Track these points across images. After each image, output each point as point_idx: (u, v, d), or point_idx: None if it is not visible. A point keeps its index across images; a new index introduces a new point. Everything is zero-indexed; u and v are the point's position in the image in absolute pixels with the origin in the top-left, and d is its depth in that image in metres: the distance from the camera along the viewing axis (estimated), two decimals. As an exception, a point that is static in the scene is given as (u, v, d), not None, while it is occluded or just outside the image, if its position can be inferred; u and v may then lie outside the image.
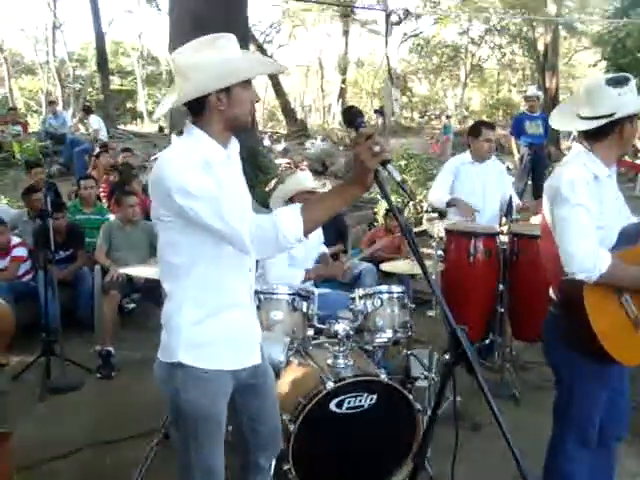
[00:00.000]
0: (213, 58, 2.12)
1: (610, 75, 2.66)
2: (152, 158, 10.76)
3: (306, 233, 2.03)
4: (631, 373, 4.79)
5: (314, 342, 3.61)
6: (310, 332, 3.53)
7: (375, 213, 8.79)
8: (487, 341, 4.85)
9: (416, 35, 30.80)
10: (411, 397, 3.29)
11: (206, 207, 2.02)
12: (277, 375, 2.98)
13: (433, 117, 30.13)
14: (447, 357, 2.13)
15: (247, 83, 2.17)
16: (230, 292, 2.26)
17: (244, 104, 2.16)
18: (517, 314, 4.66)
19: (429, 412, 3.75)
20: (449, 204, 4.94)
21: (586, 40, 26.71)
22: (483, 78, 35.46)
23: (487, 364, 4.96)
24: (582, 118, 2.62)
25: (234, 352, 2.30)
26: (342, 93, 30.20)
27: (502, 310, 4.58)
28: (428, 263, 4.05)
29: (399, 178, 1.86)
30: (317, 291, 3.71)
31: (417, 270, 4.02)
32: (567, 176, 2.56)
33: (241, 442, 2.57)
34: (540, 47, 22.92)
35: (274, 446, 2.62)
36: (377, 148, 1.87)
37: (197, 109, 2.17)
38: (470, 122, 18.98)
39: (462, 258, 4.56)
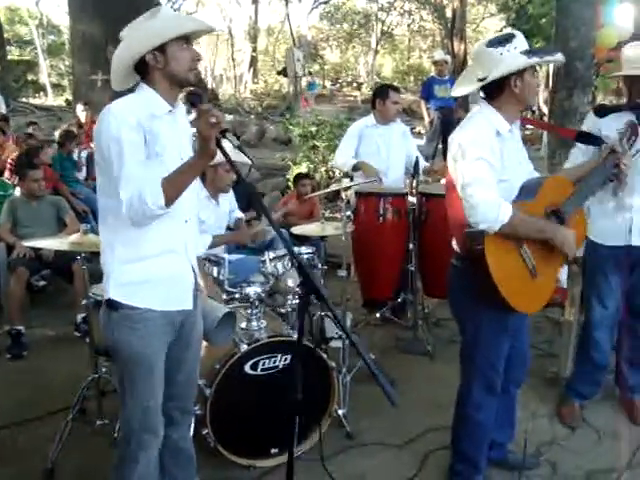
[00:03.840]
0: (146, 22, 2.31)
1: (492, 36, 2.76)
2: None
3: (168, 203, 2.18)
4: (534, 322, 5.09)
5: (227, 306, 3.62)
6: (222, 297, 3.54)
7: (288, 180, 8.82)
8: (400, 299, 4.98)
9: (326, 2, 30.70)
10: (325, 356, 3.36)
11: (116, 162, 2.19)
12: (210, 341, 3.01)
13: (345, 84, 30.17)
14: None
15: (183, 41, 2.31)
16: (160, 239, 2.36)
17: (181, 61, 2.30)
18: (428, 272, 4.79)
19: (344, 370, 3.85)
20: (355, 168, 5.00)
21: (492, 7, 27.22)
22: (394, 45, 35.72)
23: (401, 322, 5.09)
24: (478, 80, 2.70)
25: (165, 293, 2.39)
26: (253, 62, 29.87)
27: (413, 269, 4.71)
28: (337, 224, 4.12)
29: (236, 143, 2.14)
30: (228, 256, 3.70)
31: (328, 232, 4.08)
32: (469, 131, 2.65)
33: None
34: (449, 13, 23.24)
35: (187, 399, 2.68)
36: (214, 119, 2.09)
37: (140, 70, 2.34)
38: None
39: (372, 219, 4.65)
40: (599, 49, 6.23)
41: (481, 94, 2.74)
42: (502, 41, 2.65)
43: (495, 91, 2.69)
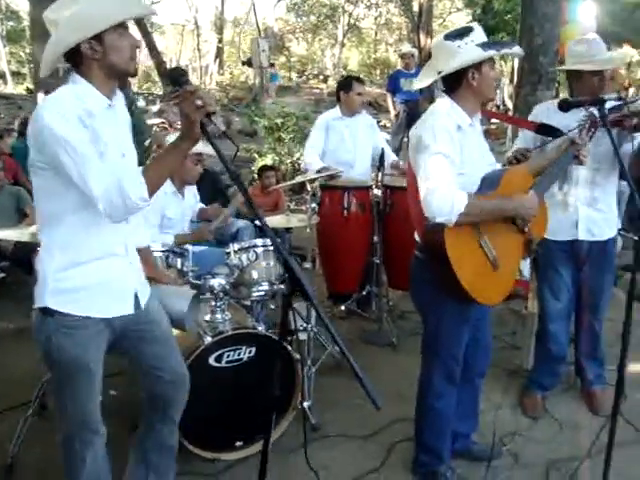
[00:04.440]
0: (80, 8, 2.10)
1: (450, 29, 2.78)
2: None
3: (151, 193, 2.10)
4: (498, 315, 5.14)
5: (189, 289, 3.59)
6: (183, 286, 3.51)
7: (253, 172, 8.77)
8: (365, 292, 4.99)
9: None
10: (290, 348, 3.35)
11: (72, 162, 2.05)
12: (182, 327, 2.96)
13: (311, 77, 30.12)
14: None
15: (122, 28, 2.16)
16: (100, 241, 2.28)
17: (121, 50, 2.16)
18: (392, 264, 4.81)
19: (309, 363, 3.85)
20: (319, 171, 4.97)
21: (459, 1, 27.39)
22: (361, 38, 35.75)
23: (365, 314, 5.11)
24: (437, 73, 2.71)
25: (104, 300, 2.32)
26: (219, 53, 29.63)
27: (378, 261, 4.72)
28: (302, 216, 4.11)
29: (223, 128, 2.06)
30: (192, 248, 3.66)
31: (292, 224, 4.07)
32: (429, 124, 2.65)
33: (149, 390, 2.63)
34: (415, 7, 23.29)
35: (177, 394, 2.68)
36: (200, 102, 1.99)
37: (74, 60, 2.18)
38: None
39: (336, 212, 4.65)
40: (563, 45, 6.29)
41: (442, 87, 2.75)
42: (460, 34, 2.66)
43: (454, 84, 2.71)
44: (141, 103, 14.24)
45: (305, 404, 3.60)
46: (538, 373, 3.91)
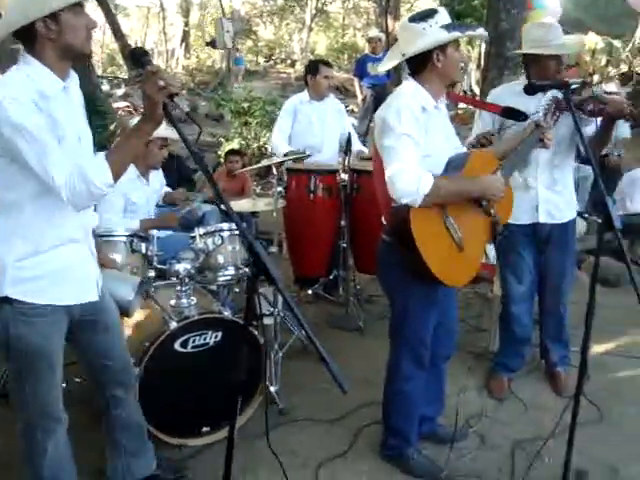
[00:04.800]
0: None
1: (416, 11, 2.76)
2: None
3: (116, 178, 2.07)
4: (464, 298, 5.18)
5: (156, 284, 3.55)
6: (151, 274, 3.46)
7: (219, 156, 8.69)
8: (332, 276, 4.98)
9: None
10: (256, 332, 3.32)
11: (31, 150, 2.00)
12: (127, 314, 2.93)
13: (279, 61, 29.91)
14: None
15: (78, 7, 2.10)
16: (60, 228, 2.24)
17: (77, 31, 2.10)
18: (359, 248, 4.80)
19: (276, 347, 3.83)
20: (287, 155, 4.94)
21: (426, -14, 27.31)
22: (329, 22, 35.51)
23: (333, 298, 5.10)
24: (402, 55, 2.70)
25: (65, 287, 2.28)
26: (185, 37, 29.23)
27: (345, 245, 4.70)
28: (268, 200, 4.08)
29: (187, 109, 1.95)
30: (156, 232, 3.61)
31: (258, 208, 4.04)
32: (394, 106, 2.64)
33: (94, 379, 2.64)
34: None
35: (127, 379, 2.68)
36: (162, 82, 1.97)
37: (27, 40, 2.10)
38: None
39: (303, 196, 4.62)
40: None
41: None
42: (424, 16, 2.65)
43: (419, 66, 2.70)
44: (106, 87, 14.03)
45: (272, 388, 3.60)
46: (503, 355, 3.95)
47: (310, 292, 5.01)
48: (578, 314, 2.72)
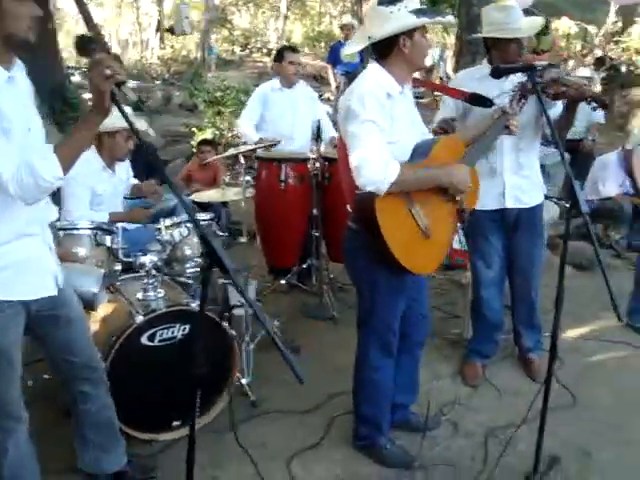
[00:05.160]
0: None
1: None
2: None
3: (65, 170, 2.02)
4: (439, 285, 5.17)
5: (123, 277, 3.49)
6: (117, 267, 3.40)
7: (193, 147, 8.59)
8: (305, 265, 4.93)
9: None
10: (225, 324, 3.28)
11: None
12: (92, 307, 2.88)
13: (255, 50, 29.65)
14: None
15: None
16: (13, 223, 2.17)
17: (20, 19, 2.03)
18: (332, 237, 4.75)
19: (247, 339, 3.78)
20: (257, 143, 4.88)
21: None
22: (305, 10, 35.31)
23: (306, 288, 5.05)
24: (368, 39, 2.65)
25: (21, 282, 2.23)
26: (159, 26, 28.89)
27: (317, 234, 4.65)
28: (238, 190, 4.02)
29: (135, 98, 2.01)
30: (121, 225, 3.54)
31: (227, 198, 3.98)
32: (357, 92, 2.59)
33: (60, 374, 2.60)
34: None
35: (94, 375, 2.62)
36: (109, 71, 1.93)
37: None
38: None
39: (274, 185, 4.57)
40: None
41: (373, 55, 2.69)
42: (393, 0, 2.59)
43: (385, 51, 2.64)
44: (77, 78, 13.83)
45: (243, 381, 3.56)
46: (476, 341, 3.94)
47: (284, 282, 4.95)
48: (551, 298, 2.70)
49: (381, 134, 2.51)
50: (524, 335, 3.90)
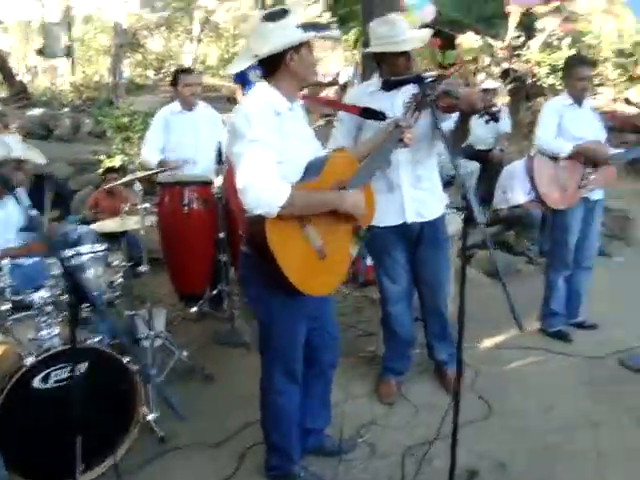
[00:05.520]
0: None
1: (268, 10, 2.65)
2: None
3: None
4: (354, 303, 5.12)
5: (15, 316, 3.26)
6: (5, 307, 3.18)
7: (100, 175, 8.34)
8: (215, 291, 4.79)
9: (146, -13, 29.59)
10: (126, 360, 3.11)
11: None
12: None
13: (169, 74, 29.35)
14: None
15: None
16: None
17: None
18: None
19: (154, 372, 3.63)
20: (160, 164, 4.75)
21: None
22: (218, 33, 35.23)
23: (218, 314, 4.91)
24: (254, 56, 2.58)
25: None
26: (69, 51, 28.26)
27: (224, 259, 4.53)
28: (137, 218, 3.87)
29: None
30: (8, 261, 3.32)
31: (127, 227, 3.83)
32: (244, 111, 2.51)
33: None
34: (268, 1, 23.16)
35: None
36: None
37: None
38: (206, 77, 18.87)
39: (177, 210, 4.43)
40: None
41: (258, 72, 2.62)
42: (277, 15, 2.54)
43: (272, 67, 2.58)
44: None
45: (150, 417, 3.38)
46: (389, 358, 3.89)
47: (194, 309, 4.81)
48: (468, 308, 2.64)
49: (269, 154, 2.43)
50: (437, 348, 3.88)
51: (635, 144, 9.28)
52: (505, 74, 12.02)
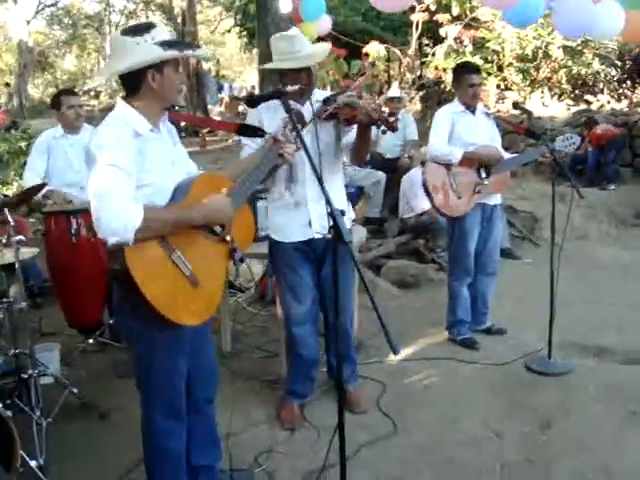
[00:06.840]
0: None
1: (133, 24, 2.51)
2: None
3: None
4: (261, 323, 4.97)
5: None
6: None
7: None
8: (112, 320, 4.57)
9: (54, 5, 28.89)
10: (-1, 405, 2.90)
11: None
12: None
13: (81, 93, 28.68)
14: None
15: None
16: None
17: None
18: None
19: (38, 414, 3.40)
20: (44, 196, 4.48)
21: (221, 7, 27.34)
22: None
23: (118, 345, 4.67)
24: (113, 72, 2.43)
25: None
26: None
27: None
28: (9, 253, 3.63)
29: None
30: None
31: (6, 260, 3.61)
32: (98, 134, 2.35)
33: None
34: (178, 14, 22.85)
35: None
36: None
37: None
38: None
39: (65, 239, 4.20)
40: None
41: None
42: (138, 30, 2.39)
43: (133, 86, 2.42)
44: None
45: (33, 463, 3.11)
46: (292, 381, 3.76)
47: (92, 341, 4.58)
48: (374, 320, 2.51)
49: (125, 179, 2.27)
50: (339, 368, 3.76)
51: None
52: (414, 81, 12.20)
